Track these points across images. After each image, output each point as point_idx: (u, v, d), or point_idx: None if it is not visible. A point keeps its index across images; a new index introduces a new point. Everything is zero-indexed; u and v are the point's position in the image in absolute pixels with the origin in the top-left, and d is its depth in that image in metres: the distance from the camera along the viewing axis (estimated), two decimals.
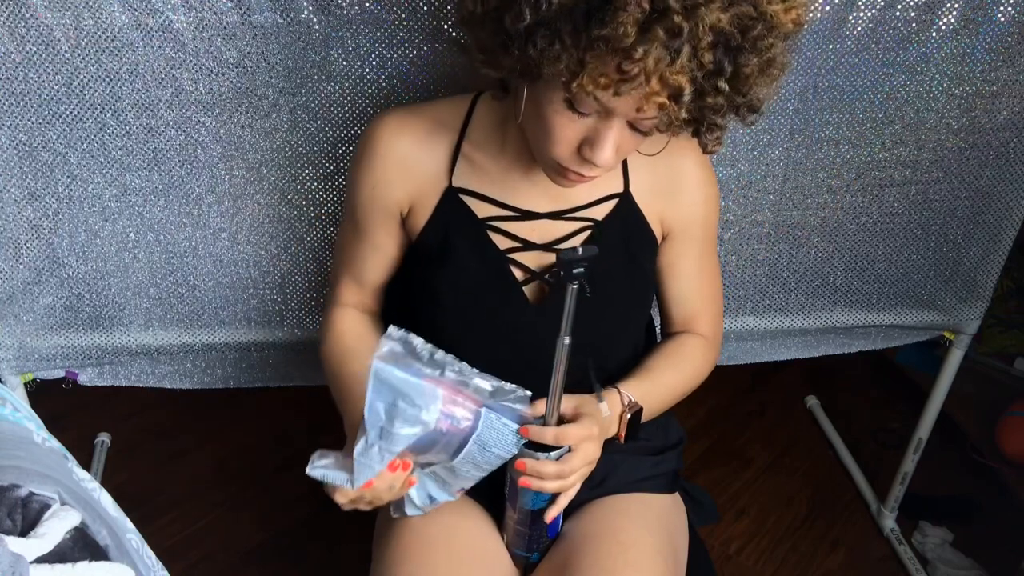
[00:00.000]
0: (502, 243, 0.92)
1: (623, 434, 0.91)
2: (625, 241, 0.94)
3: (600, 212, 0.93)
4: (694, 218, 0.97)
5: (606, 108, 0.73)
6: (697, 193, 0.96)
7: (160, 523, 1.69)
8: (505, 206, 0.91)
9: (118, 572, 0.46)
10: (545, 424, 0.83)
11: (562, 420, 0.84)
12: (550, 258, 0.92)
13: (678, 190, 0.95)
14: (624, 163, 0.93)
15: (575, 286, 0.78)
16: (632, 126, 0.76)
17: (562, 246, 0.92)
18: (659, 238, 0.97)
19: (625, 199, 0.93)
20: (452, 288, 0.92)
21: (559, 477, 0.83)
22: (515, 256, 0.92)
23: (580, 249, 0.77)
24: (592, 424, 0.84)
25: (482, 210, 0.92)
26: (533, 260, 0.92)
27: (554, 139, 0.78)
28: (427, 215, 0.93)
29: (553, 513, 0.87)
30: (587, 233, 0.93)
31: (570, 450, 0.83)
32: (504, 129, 0.90)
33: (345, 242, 1.01)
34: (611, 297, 0.92)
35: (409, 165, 0.92)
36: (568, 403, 0.85)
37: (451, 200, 0.92)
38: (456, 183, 0.92)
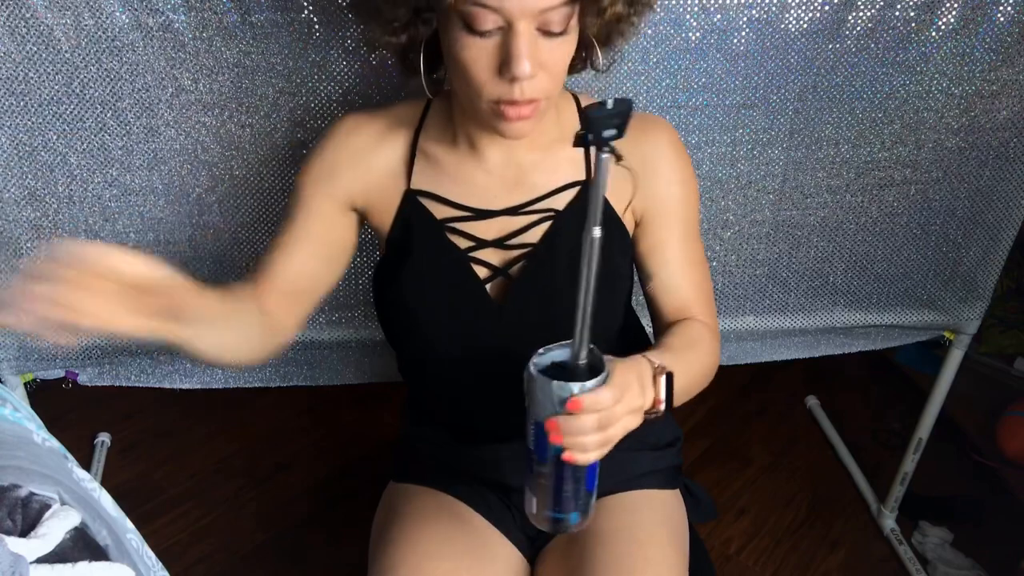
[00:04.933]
0: (462, 243, 0.90)
1: (661, 399, 0.78)
2: None
3: (560, 202, 0.90)
4: (670, 199, 0.93)
5: (498, 10, 0.71)
6: (670, 173, 0.92)
7: (160, 523, 1.69)
8: (462, 207, 0.90)
9: (118, 572, 0.46)
10: (574, 356, 0.70)
11: (593, 356, 0.71)
12: (510, 254, 0.90)
13: (649, 172, 0.91)
14: (587, 151, 0.90)
15: (606, 154, 0.63)
16: (543, 32, 0.74)
17: (519, 240, 0.90)
18: (631, 228, 0.94)
19: (587, 187, 0.90)
20: (417, 292, 0.91)
21: (600, 428, 0.70)
22: (476, 255, 0.91)
23: (610, 103, 0.63)
24: (631, 368, 0.74)
25: (440, 212, 0.90)
26: (495, 256, 0.91)
27: (471, 74, 0.76)
28: (390, 218, 0.92)
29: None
30: (548, 224, 0.90)
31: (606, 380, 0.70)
32: (453, 122, 0.89)
33: (274, 240, 0.94)
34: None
35: (366, 160, 0.91)
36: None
37: (411, 203, 0.91)
38: (415, 185, 0.91)
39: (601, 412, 0.69)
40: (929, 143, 1.20)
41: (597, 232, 0.65)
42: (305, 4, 0.98)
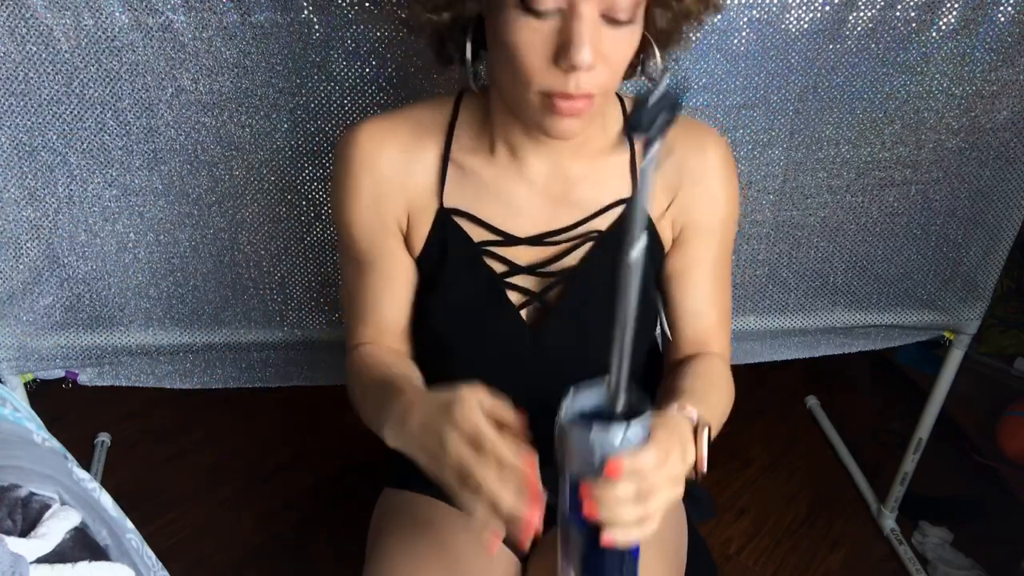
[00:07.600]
0: (497, 267, 0.86)
1: (704, 457, 0.72)
2: None
3: (605, 222, 0.84)
4: (713, 214, 0.86)
5: None
6: (716, 190, 0.86)
7: (160, 523, 1.69)
8: (501, 232, 0.85)
9: (118, 572, 0.46)
10: (611, 401, 0.61)
11: (632, 400, 0.62)
12: (548, 279, 0.86)
13: (693, 185, 0.85)
14: (634, 164, 0.86)
15: (655, 152, 0.52)
16: (607, 19, 0.68)
17: (558, 265, 0.85)
18: (667, 245, 0.89)
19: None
20: (450, 316, 0.87)
21: (639, 500, 0.61)
22: (511, 280, 0.86)
23: (657, 95, 0.52)
24: (673, 428, 0.68)
25: (477, 233, 0.85)
26: (530, 281, 0.86)
27: (522, 60, 0.68)
28: (423, 237, 0.86)
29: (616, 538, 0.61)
30: (589, 246, 0.85)
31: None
32: (490, 125, 0.83)
33: (352, 287, 0.90)
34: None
35: (401, 176, 0.84)
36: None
37: (445, 223, 0.85)
38: (448, 203, 0.84)
39: (642, 479, 0.60)
40: (929, 143, 1.20)
41: (639, 250, 0.53)
42: (305, 4, 0.98)
